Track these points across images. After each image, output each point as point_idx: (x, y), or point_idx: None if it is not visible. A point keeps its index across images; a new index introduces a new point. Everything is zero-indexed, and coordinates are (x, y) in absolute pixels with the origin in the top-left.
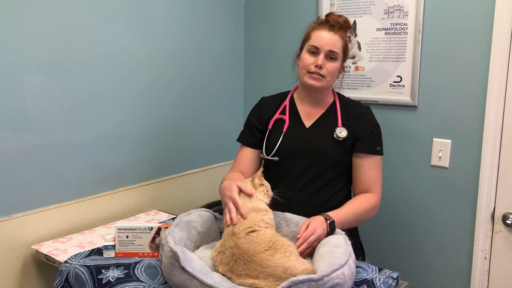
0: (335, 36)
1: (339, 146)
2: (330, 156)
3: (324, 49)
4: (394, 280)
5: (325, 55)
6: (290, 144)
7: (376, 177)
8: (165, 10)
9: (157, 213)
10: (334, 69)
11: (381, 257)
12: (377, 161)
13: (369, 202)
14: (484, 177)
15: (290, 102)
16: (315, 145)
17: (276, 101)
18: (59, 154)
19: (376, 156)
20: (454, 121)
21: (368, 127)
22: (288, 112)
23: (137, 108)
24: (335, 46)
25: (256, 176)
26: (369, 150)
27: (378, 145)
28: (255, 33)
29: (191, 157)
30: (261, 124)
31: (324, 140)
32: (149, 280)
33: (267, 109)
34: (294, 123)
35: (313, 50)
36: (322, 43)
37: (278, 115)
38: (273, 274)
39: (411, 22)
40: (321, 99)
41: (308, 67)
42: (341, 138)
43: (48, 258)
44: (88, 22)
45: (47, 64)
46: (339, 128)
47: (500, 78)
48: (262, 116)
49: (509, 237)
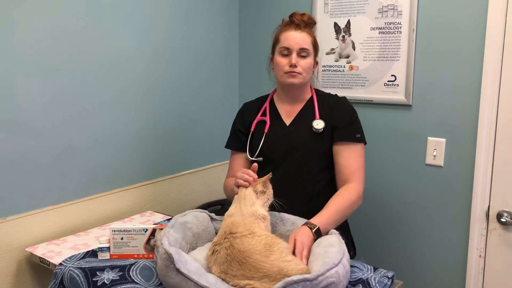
0: (302, 34)
1: (319, 138)
2: (311, 149)
3: (295, 48)
4: (390, 279)
5: (297, 54)
6: (272, 143)
7: (356, 166)
8: (160, 11)
9: (152, 214)
10: (308, 65)
11: (376, 256)
12: (357, 149)
13: (350, 195)
14: (478, 176)
15: (270, 103)
16: (295, 141)
17: (257, 104)
18: (53, 156)
19: (356, 144)
20: (448, 120)
21: (344, 115)
22: (268, 113)
23: (132, 109)
24: (305, 43)
25: (260, 182)
26: (347, 138)
27: (357, 132)
28: (249, 34)
29: (187, 158)
30: (245, 128)
31: (304, 135)
32: (144, 281)
33: (249, 113)
34: (275, 123)
35: (284, 52)
36: (292, 42)
37: (259, 117)
38: (268, 274)
39: (405, 21)
40: (300, 96)
41: (284, 68)
42: (319, 130)
43: (43, 260)
44: (83, 23)
45: (41, 65)
46: (316, 120)
47: (494, 77)
48: (245, 120)
49: (503, 235)
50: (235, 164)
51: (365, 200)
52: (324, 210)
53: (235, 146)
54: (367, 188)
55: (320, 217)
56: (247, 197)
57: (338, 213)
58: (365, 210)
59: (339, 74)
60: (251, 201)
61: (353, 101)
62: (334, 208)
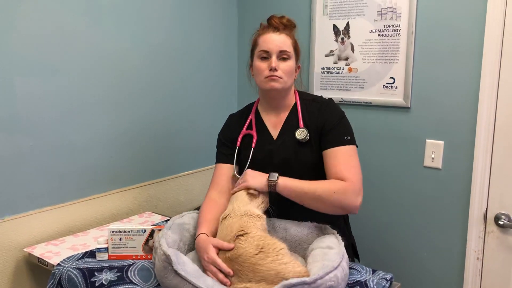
0: (282, 36)
1: (306, 150)
2: (301, 163)
3: (274, 51)
4: (388, 281)
5: (277, 56)
6: (260, 159)
7: (345, 165)
8: (159, 13)
9: (151, 215)
10: (289, 68)
11: (375, 258)
12: (347, 150)
13: (334, 184)
14: (476, 178)
15: (255, 115)
16: (283, 156)
17: (242, 116)
18: (52, 156)
19: (344, 146)
20: (446, 123)
21: (330, 119)
22: (254, 126)
23: (131, 110)
24: (285, 45)
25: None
26: (335, 144)
27: (345, 135)
28: (248, 36)
29: (185, 159)
30: (231, 142)
31: (291, 148)
32: (142, 282)
33: (234, 127)
34: (262, 136)
35: (263, 56)
36: (271, 45)
37: (245, 131)
38: (265, 278)
39: (404, 23)
40: (283, 103)
41: (263, 72)
42: (302, 140)
43: (41, 261)
44: (82, 23)
45: (40, 65)
46: (299, 130)
47: (492, 79)
48: (230, 134)
49: (501, 238)
50: (222, 178)
51: (363, 202)
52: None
53: (222, 159)
54: (365, 190)
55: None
56: (239, 198)
57: (310, 190)
58: (363, 212)
59: (338, 76)
60: (244, 201)
61: (352, 103)
62: (309, 183)
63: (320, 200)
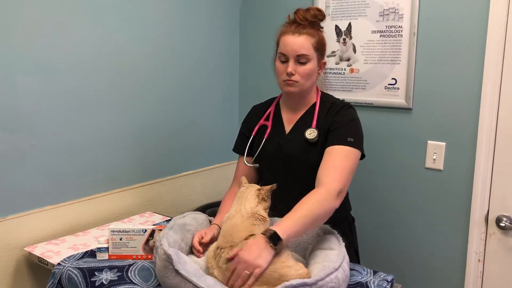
0: (301, 38)
1: (313, 149)
2: (304, 161)
3: (291, 55)
4: (389, 283)
5: (295, 60)
6: (269, 151)
7: (333, 164)
8: (160, 12)
9: (152, 215)
10: (307, 72)
11: (376, 259)
12: (345, 150)
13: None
14: (478, 180)
15: (275, 108)
16: (289, 152)
17: (264, 108)
18: (53, 155)
19: (344, 147)
20: (448, 124)
21: (337, 120)
22: (272, 118)
23: (132, 109)
24: (303, 49)
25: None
26: (336, 142)
27: (349, 136)
28: (250, 35)
29: (186, 159)
30: (249, 132)
31: (298, 145)
32: (142, 282)
33: (255, 117)
34: (275, 129)
35: (282, 59)
36: (289, 49)
37: (262, 122)
38: (268, 280)
39: (406, 24)
40: (302, 102)
41: (281, 75)
42: (311, 140)
43: (41, 260)
44: (82, 22)
45: (40, 65)
46: (310, 129)
47: (494, 81)
48: (250, 124)
49: (502, 240)
50: (239, 168)
51: (365, 203)
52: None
53: (240, 150)
54: (367, 191)
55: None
56: (248, 198)
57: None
58: (364, 213)
59: (339, 76)
60: (252, 203)
61: (353, 104)
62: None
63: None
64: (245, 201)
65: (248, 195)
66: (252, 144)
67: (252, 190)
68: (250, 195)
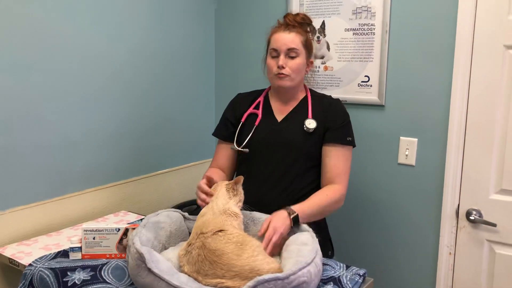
0: (291, 34)
1: (309, 138)
2: (301, 147)
3: (282, 49)
4: (361, 276)
5: (285, 55)
6: (262, 137)
7: (342, 169)
8: (136, 9)
9: (126, 214)
10: (297, 66)
11: (349, 254)
12: (346, 153)
13: (334, 194)
14: (449, 175)
15: (264, 98)
16: (286, 137)
17: (251, 97)
18: (24, 154)
19: (345, 146)
20: (420, 120)
21: (338, 118)
22: (261, 107)
23: (106, 108)
24: (293, 43)
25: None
26: (338, 140)
27: (348, 136)
28: (225, 33)
29: (162, 158)
30: (235, 119)
31: (295, 132)
32: (116, 281)
33: (242, 105)
34: (266, 118)
35: (274, 54)
36: (280, 43)
37: (251, 110)
38: (239, 273)
39: (378, 22)
40: (292, 97)
41: (272, 70)
42: (310, 129)
43: (12, 261)
44: (56, 20)
45: (11, 63)
46: (309, 120)
47: (464, 78)
48: (236, 111)
49: (472, 233)
50: (221, 156)
51: None
52: (307, 201)
53: (223, 135)
54: None
55: (302, 206)
56: (219, 196)
57: (320, 207)
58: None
59: (314, 74)
60: (224, 199)
61: None
62: (316, 201)
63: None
64: (216, 198)
65: (219, 192)
66: (239, 131)
67: (222, 187)
68: (220, 192)
